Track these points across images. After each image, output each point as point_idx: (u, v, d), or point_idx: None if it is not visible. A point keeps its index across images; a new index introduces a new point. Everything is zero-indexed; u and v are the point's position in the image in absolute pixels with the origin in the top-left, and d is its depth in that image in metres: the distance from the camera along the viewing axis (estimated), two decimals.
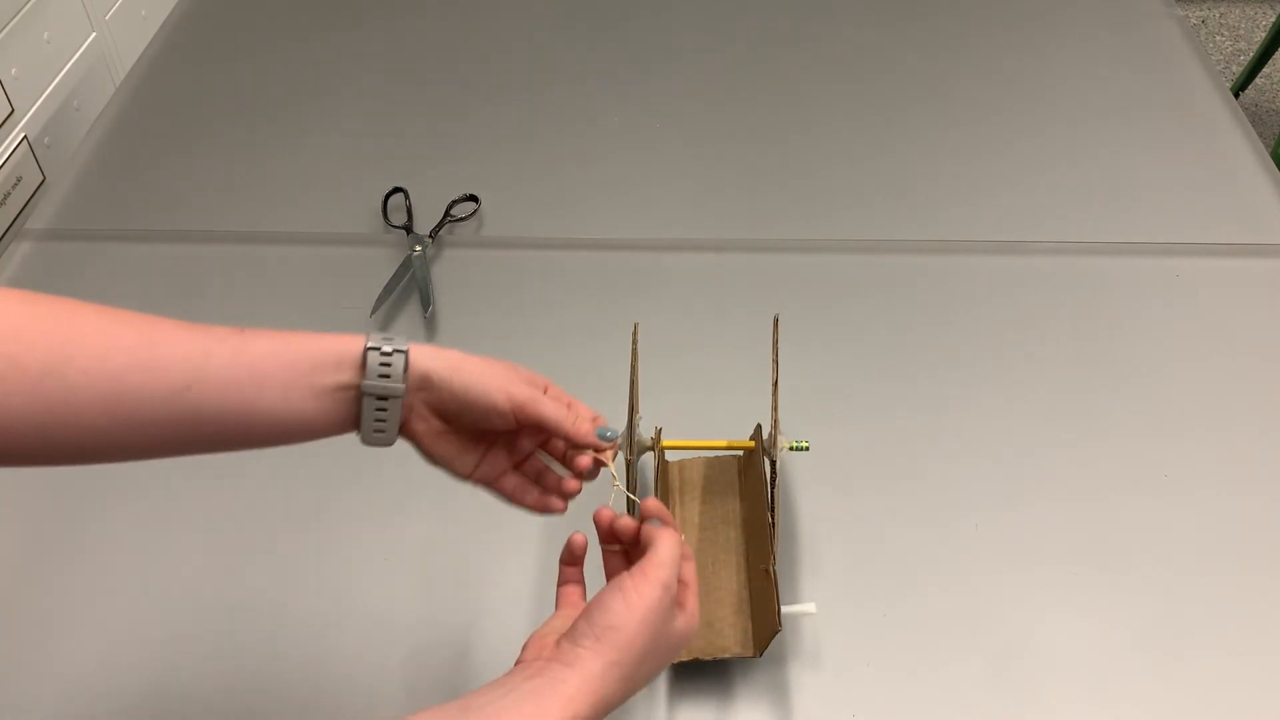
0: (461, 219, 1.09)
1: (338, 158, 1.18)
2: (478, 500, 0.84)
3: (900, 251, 1.05)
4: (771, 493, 0.70)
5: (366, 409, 0.55)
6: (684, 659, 0.71)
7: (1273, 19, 2.21)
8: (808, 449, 0.77)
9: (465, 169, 1.15)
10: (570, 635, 0.52)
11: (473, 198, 1.11)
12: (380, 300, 0.99)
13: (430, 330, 0.98)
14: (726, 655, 0.71)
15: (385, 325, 0.98)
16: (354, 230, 1.08)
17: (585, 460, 0.61)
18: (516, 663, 0.54)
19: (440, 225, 1.07)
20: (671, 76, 1.29)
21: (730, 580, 0.75)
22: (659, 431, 0.76)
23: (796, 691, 0.71)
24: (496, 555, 0.80)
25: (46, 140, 1.33)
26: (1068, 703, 0.71)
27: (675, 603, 0.55)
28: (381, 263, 1.03)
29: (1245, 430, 0.87)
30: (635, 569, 0.54)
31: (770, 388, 0.74)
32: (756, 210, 1.10)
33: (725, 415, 0.82)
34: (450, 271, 1.03)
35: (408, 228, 1.07)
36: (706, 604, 0.73)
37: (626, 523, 0.59)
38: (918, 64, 1.30)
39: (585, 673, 0.50)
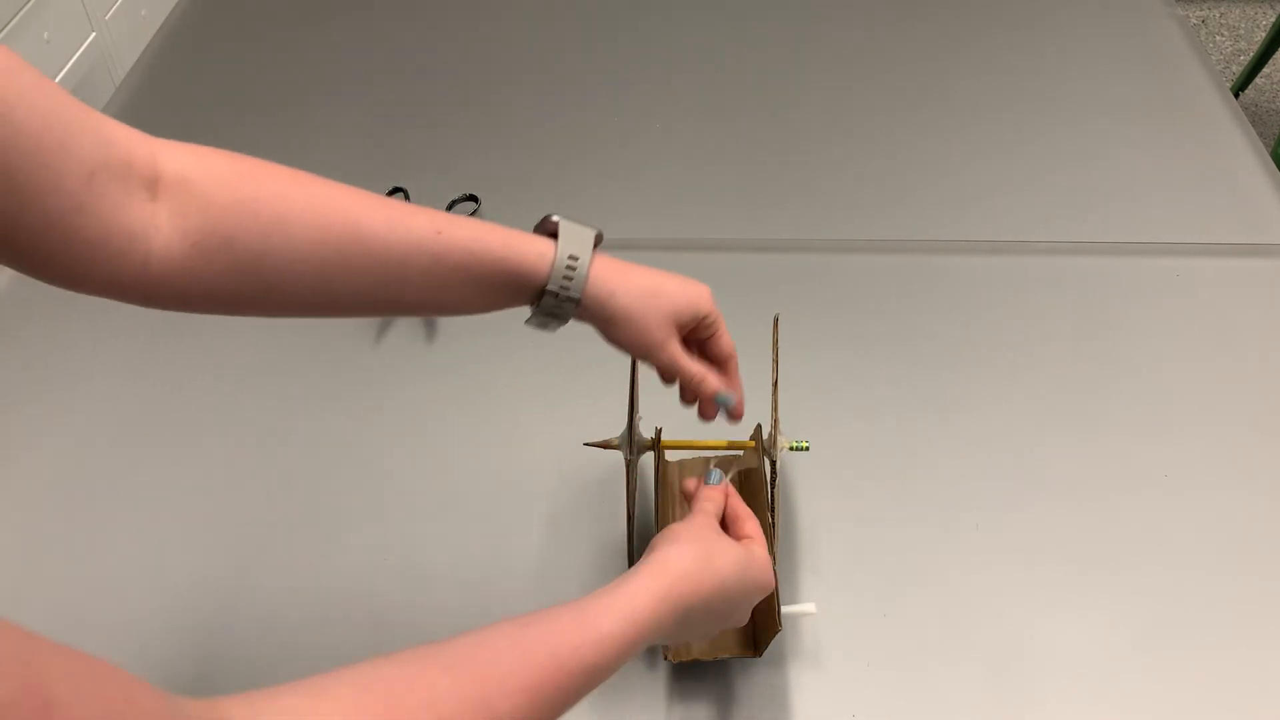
0: None
1: (337, 158, 1.18)
2: (478, 500, 0.84)
3: (900, 251, 1.05)
4: (771, 493, 0.70)
5: (535, 319, 0.62)
6: (684, 659, 0.71)
7: (1273, 19, 2.21)
8: (808, 449, 0.77)
9: (465, 169, 1.15)
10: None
11: (473, 198, 1.11)
12: None
13: (430, 330, 0.98)
14: (727, 656, 0.71)
15: (385, 326, 0.98)
16: None
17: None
18: None
19: None
20: (672, 77, 1.29)
21: None
22: (659, 431, 0.76)
23: (796, 691, 0.71)
24: (497, 554, 0.80)
25: None
26: (1068, 703, 0.71)
27: (721, 526, 0.63)
28: None
29: (1245, 430, 0.87)
30: None
31: (770, 387, 0.73)
32: (756, 210, 1.10)
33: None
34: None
35: None
36: None
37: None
38: (918, 64, 1.30)
39: (651, 557, 0.56)
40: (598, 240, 0.62)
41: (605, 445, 0.75)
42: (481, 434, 0.89)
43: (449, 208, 1.09)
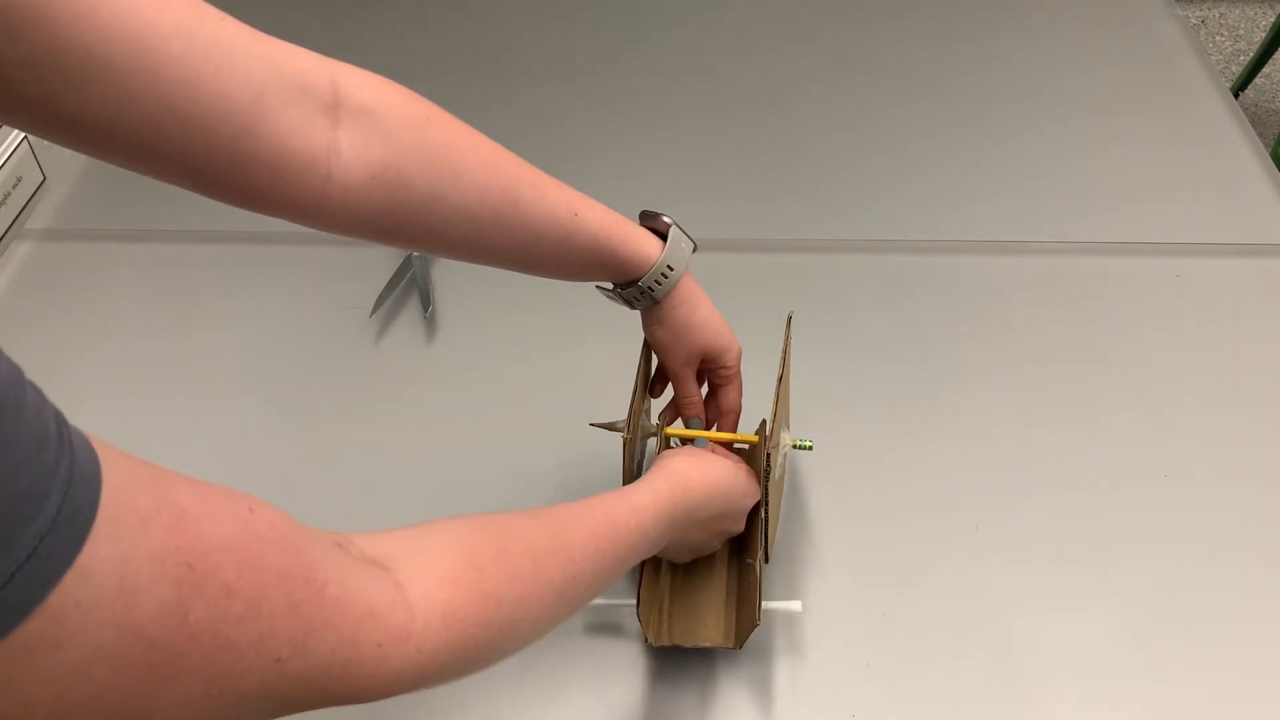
0: None
1: None
2: (479, 500, 0.84)
3: (900, 251, 1.05)
4: (765, 486, 0.70)
5: (610, 296, 0.72)
6: (664, 643, 0.71)
7: (1273, 19, 2.21)
8: (811, 448, 0.77)
9: None
10: None
11: None
12: (380, 300, 0.99)
13: (430, 331, 0.98)
14: (706, 645, 0.72)
15: (385, 326, 0.98)
16: None
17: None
18: None
19: None
20: (672, 76, 1.29)
21: (720, 571, 0.76)
22: (664, 417, 0.77)
23: (796, 691, 0.71)
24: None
25: (46, 142, 1.33)
26: (1067, 703, 0.71)
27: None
28: (381, 263, 1.03)
29: (1245, 430, 0.87)
30: None
31: (775, 383, 0.74)
32: (757, 210, 1.10)
33: None
34: (450, 271, 1.03)
35: None
36: (695, 593, 0.74)
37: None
38: (918, 64, 1.30)
39: (656, 468, 0.66)
40: (693, 248, 0.71)
41: (610, 427, 0.75)
42: (481, 434, 0.89)
43: None
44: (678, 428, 0.77)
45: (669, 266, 0.68)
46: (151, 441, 0.90)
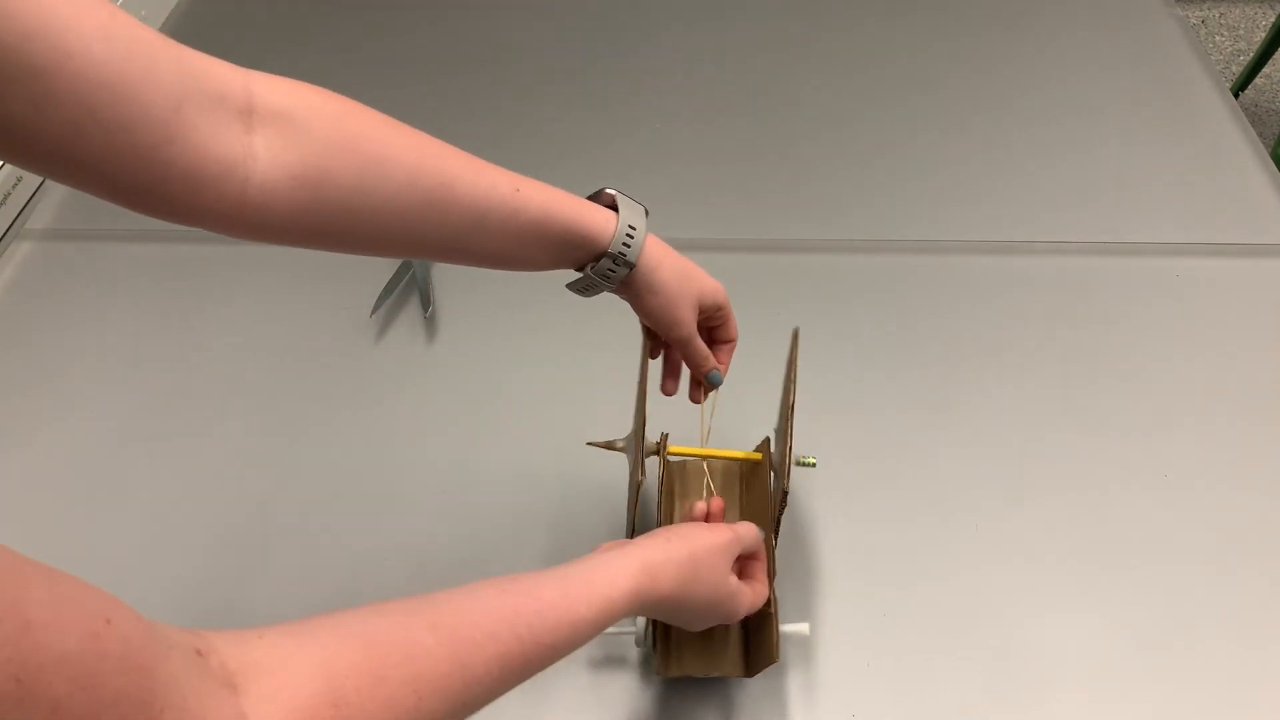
0: None
1: None
2: (479, 500, 0.84)
3: (900, 251, 1.05)
4: (778, 518, 0.69)
5: (581, 283, 0.67)
6: (675, 675, 0.70)
7: (1273, 19, 2.21)
8: (815, 465, 0.77)
9: None
10: (646, 533, 0.62)
11: None
12: (380, 300, 0.99)
13: (430, 331, 0.98)
14: (719, 675, 0.70)
15: (385, 326, 0.98)
16: None
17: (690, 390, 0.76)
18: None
19: None
20: (672, 76, 1.29)
21: None
22: (665, 436, 0.75)
23: (796, 691, 0.71)
24: (498, 555, 0.80)
25: None
26: (1068, 703, 0.71)
27: (735, 564, 0.64)
28: (381, 263, 1.03)
29: (1245, 430, 0.87)
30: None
31: (783, 408, 0.72)
32: (757, 210, 1.10)
33: (729, 419, 0.81)
34: (450, 272, 1.03)
35: None
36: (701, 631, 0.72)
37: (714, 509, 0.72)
38: (918, 64, 1.30)
39: (646, 549, 0.59)
40: (645, 214, 0.67)
41: (609, 446, 0.75)
42: (482, 434, 0.89)
43: None
44: (681, 446, 0.75)
45: (631, 225, 0.64)
46: (151, 441, 0.90)
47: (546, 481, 0.85)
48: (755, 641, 0.70)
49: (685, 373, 0.75)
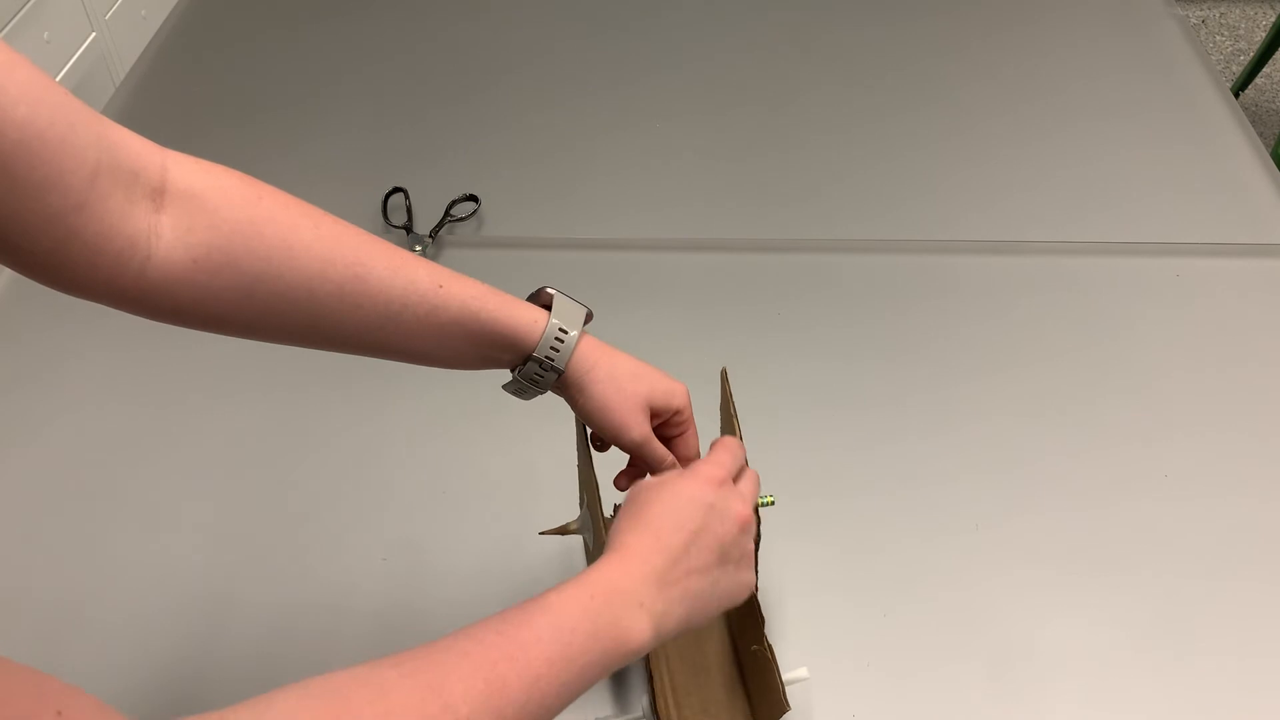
0: (461, 219, 1.09)
1: (338, 157, 1.18)
2: (478, 501, 0.84)
3: (900, 251, 1.05)
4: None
5: (513, 384, 0.63)
6: None
7: (1273, 19, 2.21)
8: (773, 503, 0.67)
9: (465, 169, 1.15)
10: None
11: (473, 198, 1.11)
12: None
13: None
14: None
15: None
16: None
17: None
18: None
19: (440, 225, 1.07)
20: (672, 77, 1.29)
21: (718, 655, 0.71)
22: (617, 509, 0.72)
23: (797, 691, 0.71)
24: (498, 555, 0.80)
25: None
26: (1067, 703, 0.71)
27: (723, 489, 0.57)
28: None
29: (1245, 430, 0.87)
30: None
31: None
32: (756, 210, 1.10)
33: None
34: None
35: (408, 228, 1.07)
36: (697, 683, 0.70)
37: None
38: (918, 65, 1.30)
39: (615, 544, 0.54)
40: (588, 319, 0.63)
41: (563, 531, 0.71)
42: (482, 435, 0.89)
43: (449, 208, 1.09)
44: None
45: (562, 329, 0.60)
46: (152, 441, 0.90)
47: (548, 481, 0.84)
48: (755, 693, 0.68)
49: None
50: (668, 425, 0.65)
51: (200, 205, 0.53)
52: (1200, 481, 0.84)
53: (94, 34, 1.50)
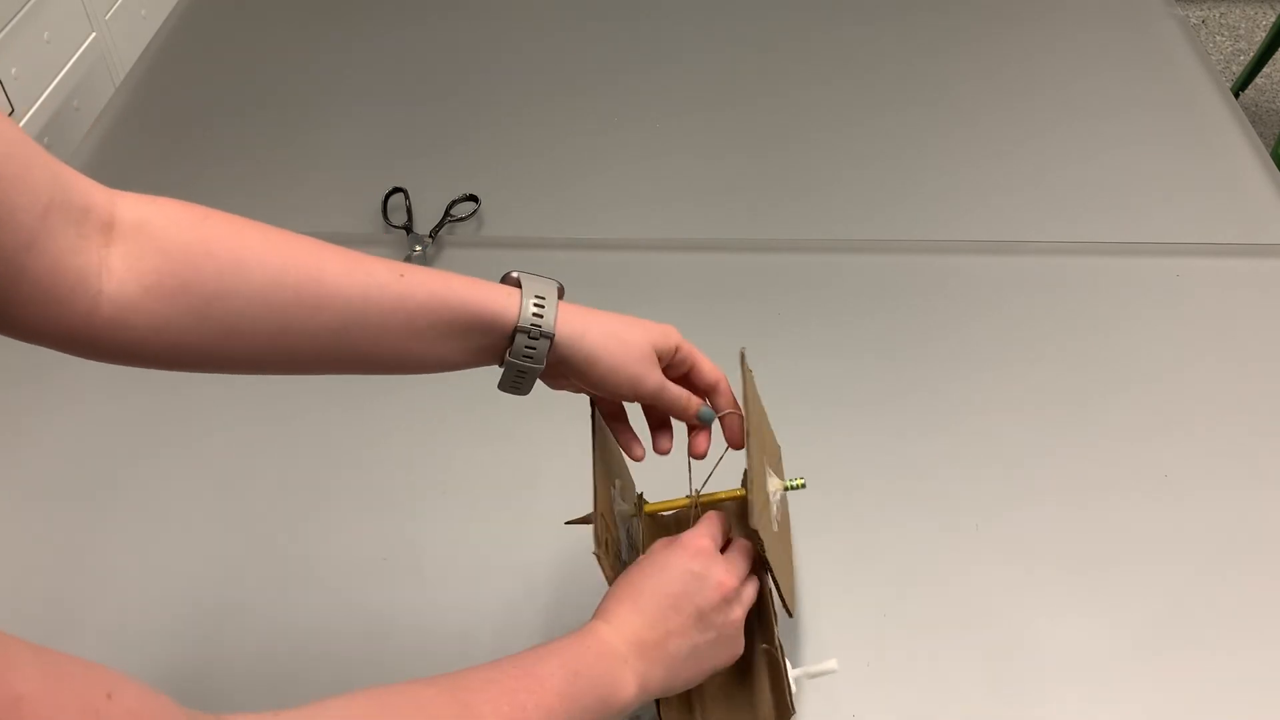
0: (461, 219, 1.09)
1: (338, 158, 1.18)
2: (478, 501, 0.84)
3: (900, 251, 1.05)
4: (770, 573, 0.64)
5: (507, 374, 0.60)
6: None
7: (1273, 19, 2.21)
8: (804, 486, 0.71)
9: (465, 169, 1.15)
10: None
11: (473, 198, 1.11)
12: None
13: None
14: None
15: None
16: (354, 230, 1.08)
17: (688, 443, 0.67)
18: None
19: (440, 225, 1.07)
20: (671, 77, 1.29)
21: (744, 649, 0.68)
22: (640, 497, 0.72)
23: (796, 691, 0.71)
24: (498, 555, 0.80)
25: (46, 140, 1.33)
26: (1067, 703, 0.71)
27: (704, 557, 0.60)
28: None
29: (1245, 430, 0.87)
30: None
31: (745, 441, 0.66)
32: (756, 210, 1.10)
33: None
34: (451, 270, 1.03)
35: (408, 228, 1.07)
36: (702, 682, 0.67)
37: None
38: (918, 64, 1.30)
39: (602, 609, 0.58)
40: (560, 292, 0.61)
41: (586, 520, 0.65)
42: (482, 434, 0.89)
43: (449, 208, 1.09)
44: (658, 502, 0.71)
45: (539, 295, 0.58)
46: (152, 440, 0.90)
47: (548, 481, 0.84)
48: (763, 690, 0.67)
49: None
50: (673, 365, 0.64)
51: (148, 234, 0.52)
52: (1200, 481, 0.83)
53: (94, 34, 1.50)
